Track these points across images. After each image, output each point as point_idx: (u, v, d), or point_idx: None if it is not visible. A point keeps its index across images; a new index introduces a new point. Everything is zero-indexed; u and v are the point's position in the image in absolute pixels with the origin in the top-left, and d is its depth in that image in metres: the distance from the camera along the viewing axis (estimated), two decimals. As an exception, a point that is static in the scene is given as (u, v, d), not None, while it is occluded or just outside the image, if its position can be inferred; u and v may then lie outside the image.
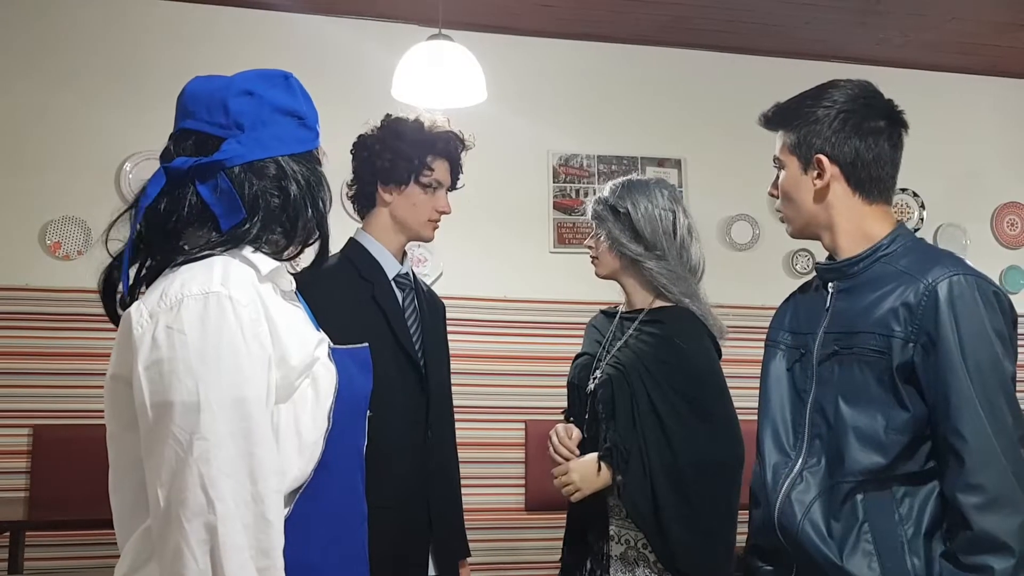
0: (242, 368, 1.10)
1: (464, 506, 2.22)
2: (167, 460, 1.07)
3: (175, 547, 1.05)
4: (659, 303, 2.07)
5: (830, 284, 1.56)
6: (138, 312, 1.12)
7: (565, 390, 2.24)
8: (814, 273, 1.68)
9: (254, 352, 1.11)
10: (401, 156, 2.03)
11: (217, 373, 1.08)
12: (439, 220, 2.10)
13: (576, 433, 2.05)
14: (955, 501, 1.36)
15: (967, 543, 1.34)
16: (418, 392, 2.02)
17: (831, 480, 1.45)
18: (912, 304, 1.41)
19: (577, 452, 2.02)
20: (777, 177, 1.62)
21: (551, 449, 2.05)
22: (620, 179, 2.14)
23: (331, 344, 1.28)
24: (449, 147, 2.08)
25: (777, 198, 1.64)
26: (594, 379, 2.06)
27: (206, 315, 1.09)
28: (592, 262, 2.15)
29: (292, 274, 1.35)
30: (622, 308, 2.16)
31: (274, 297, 1.22)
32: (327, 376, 1.22)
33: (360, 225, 2.13)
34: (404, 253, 2.15)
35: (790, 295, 1.72)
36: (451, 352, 2.25)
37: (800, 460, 1.49)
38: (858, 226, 1.55)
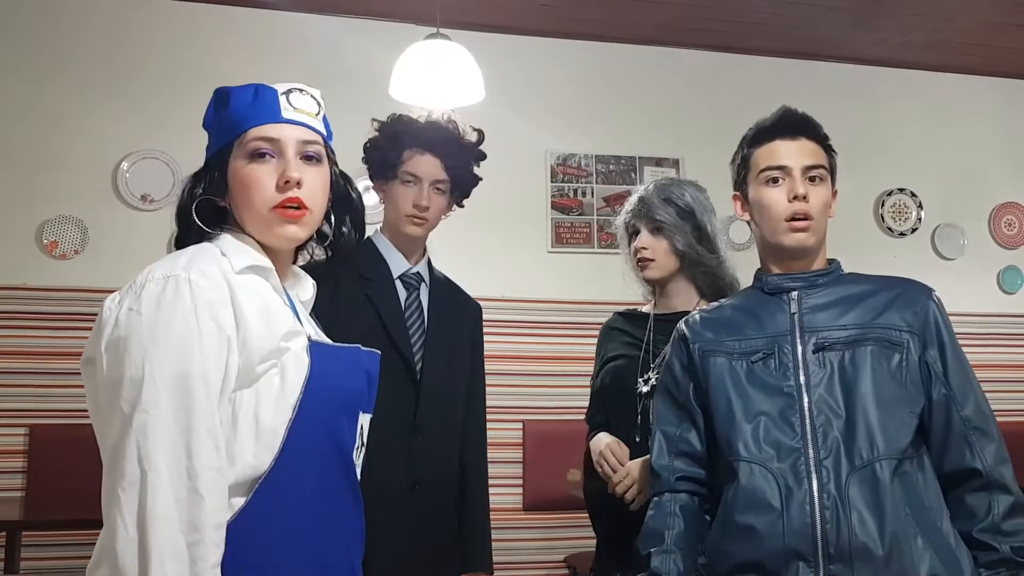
0: (190, 345, 1.13)
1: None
2: (112, 433, 1.11)
3: (111, 517, 1.08)
4: (704, 305, 2.05)
5: (793, 292, 1.65)
6: (111, 298, 1.19)
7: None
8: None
9: (206, 330, 1.14)
10: (379, 152, 2.05)
11: (165, 348, 1.12)
12: (419, 215, 2.02)
13: (626, 449, 2.00)
14: (994, 473, 1.51)
15: (1012, 510, 1.50)
16: (409, 393, 1.97)
17: (858, 462, 1.48)
18: (916, 309, 1.60)
19: (626, 461, 1.97)
20: (811, 180, 1.64)
21: (605, 466, 1.98)
22: (669, 179, 2.12)
23: (312, 339, 1.28)
24: (425, 139, 2.03)
25: (806, 200, 1.62)
26: (645, 381, 2.02)
27: (163, 296, 1.15)
28: (647, 265, 2.06)
29: (304, 267, 1.40)
30: (653, 310, 2.13)
31: (254, 288, 1.23)
32: (296, 367, 1.22)
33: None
34: (424, 251, 2.12)
35: (696, 319, 1.74)
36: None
37: (811, 450, 1.51)
38: (823, 252, 1.71)
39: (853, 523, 1.44)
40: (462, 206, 2.17)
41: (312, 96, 1.33)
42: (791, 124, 1.67)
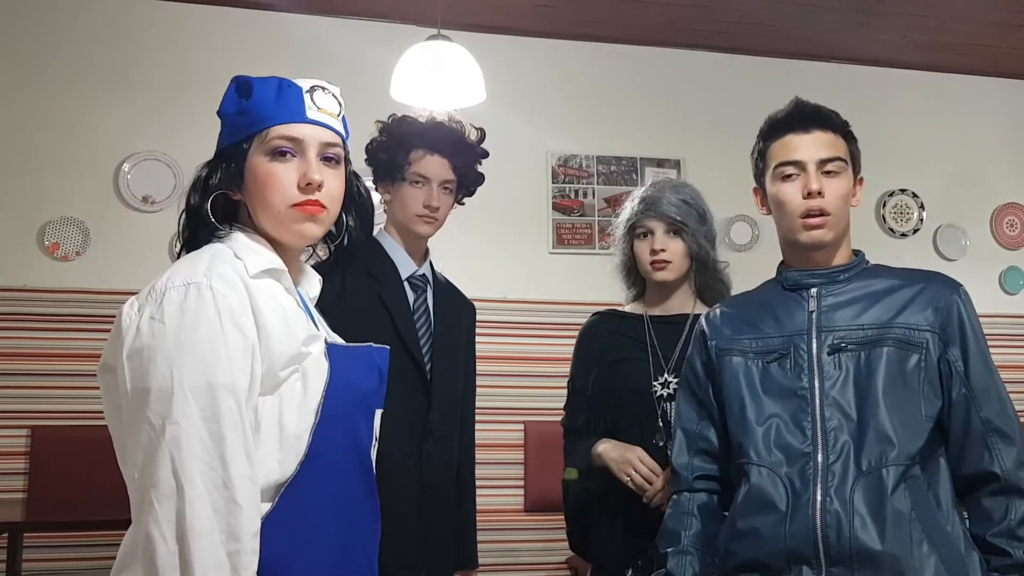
0: (217, 354, 1.12)
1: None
2: (142, 445, 1.10)
3: (147, 531, 1.07)
4: (700, 308, 2.04)
5: (812, 289, 1.62)
6: (130, 305, 1.17)
7: (566, 391, 2.21)
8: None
9: (231, 339, 1.13)
10: (386, 153, 2.04)
11: (191, 358, 1.10)
12: (430, 215, 2.03)
13: (650, 459, 1.96)
14: (1011, 477, 1.48)
15: None
16: (420, 395, 1.98)
17: (866, 467, 1.46)
18: (938, 306, 1.55)
19: (660, 470, 1.92)
20: (827, 174, 1.60)
21: (638, 479, 1.92)
22: (674, 180, 2.13)
23: (329, 341, 1.28)
24: (433, 139, 2.03)
25: (821, 195, 1.59)
26: (662, 384, 2.00)
27: (186, 304, 1.13)
28: (665, 267, 2.02)
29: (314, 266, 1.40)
30: (646, 311, 2.10)
31: (270, 291, 1.23)
32: (317, 372, 1.22)
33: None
34: (427, 252, 2.12)
35: (717, 313, 1.73)
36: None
37: (820, 454, 1.49)
38: (847, 246, 1.67)
39: (855, 528, 1.43)
40: (462, 203, 2.17)
41: (334, 96, 1.33)
42: (803, 117, 1.64)
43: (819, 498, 1.46)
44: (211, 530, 1.07)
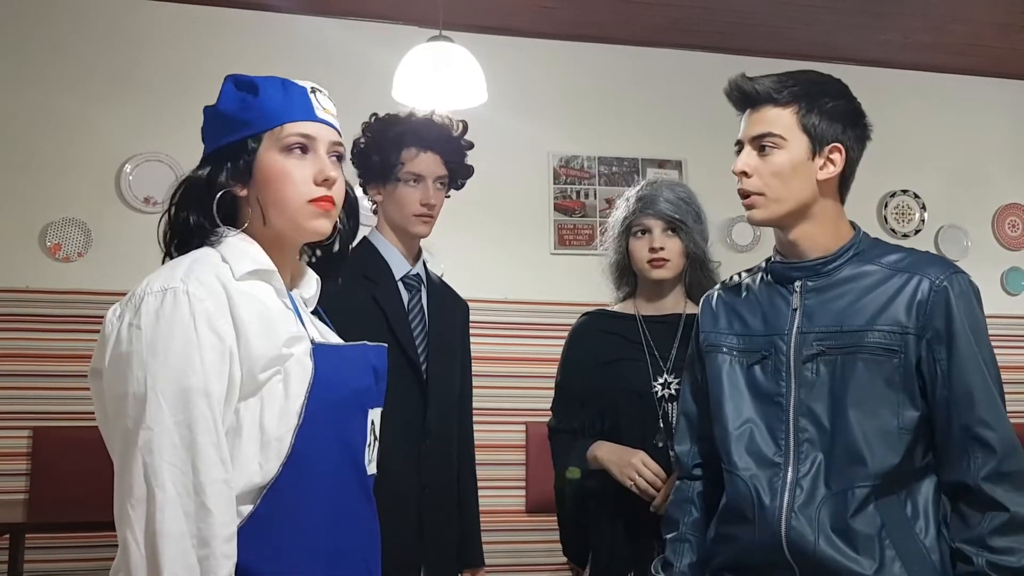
0: (191, 358, 1.12)
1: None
2: (120, 450, 1.11)
3: (123, 536, 1.09)
4: (691, 308, 2.04)
5: (796, 283, 1.52)
6: (113, 311, 1.18)
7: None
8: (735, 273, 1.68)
9: (206, 343, 1.14)
10: (376, 153, 2.03)
11: (164, 364, 1.11)
12: (427, 214, 2.02)
13: (654, 463, 1.95)
14: (985, 489, 1.38)
15: (1005, 526, 1.37)
16: (416, 395, 1.98)
17: (835, 487, 1.42)
18: (922, 301, 1.43)
19: (664, 474, 1.92)
20: (761, 150, 1.49)
21: (643, 484, 1.91)
22: (670, 180, 2.12)
23: (316, 341, 1.27)
24: (426, 137, 2.02)
25: (748, 176, 1.50)
26: (663, 384, 2.00)
27: (161, 309, 1.14)
28: (663, 265, 2.02)
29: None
30: (637, 311, 2.10)
31: (256, 293, 1.22)
32: (300, 373, 1.21)
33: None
34: (420, 251, 2.12)
35: (714, 298, 1.66)
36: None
37: (791, 469, 1.45)
38: (833, 223, 1.55)
39: (821, 545, 1.39)
40: (448, 196, 2.17)
41: (329, 98, 1.35)
42: (737, 99, 1.57)
43: (784, 513, 1.43)
44: (181, 535, 1.07)
